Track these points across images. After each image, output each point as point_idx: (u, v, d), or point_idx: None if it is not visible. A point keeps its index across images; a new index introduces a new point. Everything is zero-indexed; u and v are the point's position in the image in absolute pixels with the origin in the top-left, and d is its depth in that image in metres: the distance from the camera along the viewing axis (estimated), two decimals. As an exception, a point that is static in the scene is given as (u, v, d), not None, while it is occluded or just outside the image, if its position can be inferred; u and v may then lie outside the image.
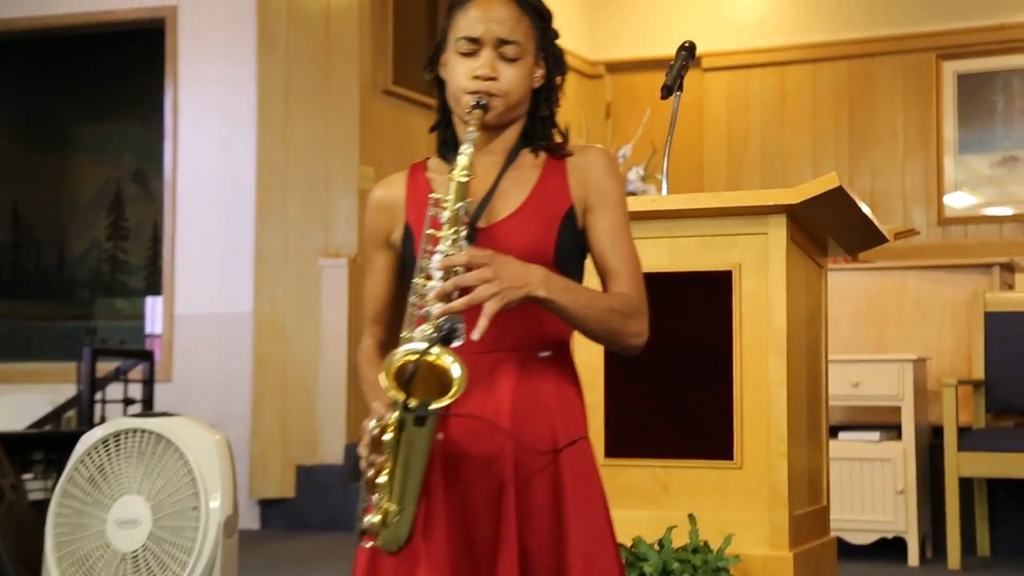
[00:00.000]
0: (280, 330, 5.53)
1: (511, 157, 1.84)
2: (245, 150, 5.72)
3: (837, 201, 2.44)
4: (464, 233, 1.67)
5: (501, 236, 1.75)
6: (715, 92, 6.89)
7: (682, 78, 2.60)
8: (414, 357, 1.58)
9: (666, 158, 2.56)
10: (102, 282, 6.38)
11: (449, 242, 1.66)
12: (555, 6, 1.95)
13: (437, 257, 1.65)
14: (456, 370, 1.57)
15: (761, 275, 2.36)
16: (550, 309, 1.70)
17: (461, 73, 1.79)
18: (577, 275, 1.82)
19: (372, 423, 1.62)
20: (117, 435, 3.11)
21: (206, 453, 3.06)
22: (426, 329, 1.63)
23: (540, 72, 1.87)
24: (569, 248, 1.80)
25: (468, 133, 1.73)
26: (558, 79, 1.89)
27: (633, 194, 5.51)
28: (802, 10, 6.85)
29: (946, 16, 6.55)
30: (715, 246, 2.36)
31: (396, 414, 1.58)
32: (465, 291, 1.63)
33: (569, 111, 6.85)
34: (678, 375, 2.38)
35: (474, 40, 1.79)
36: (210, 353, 5.68)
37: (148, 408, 5.11)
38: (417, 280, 1.68)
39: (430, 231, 1.69)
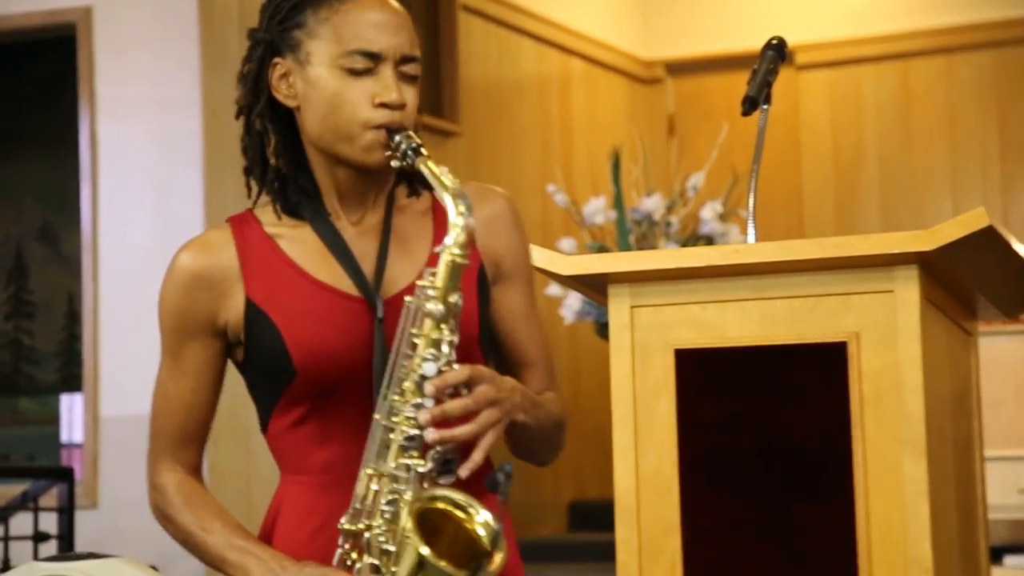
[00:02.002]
0: (243, 434, 5.54)
1: (391, 202, 1.84)
2: (188, 194, 5.77)
3: (988, 244, 2.43)
4: (455, 335, 1.67)
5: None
6: (815, 97, 6.91)
7: (770, 85, 2.61)
8: (444, 507, 1.61)
9: (752, 191, 2.56)
10: (1, 376, 6.42)
11: (445, 345, 1.66)
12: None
13: (429, 367, 1.65)
14: (494, 539, 1.60)
15: (887, 347, 2.35)
16: (514, 433, 1.72)
17: (355, 99, 1.77)
18: (488, 358, 1.83)
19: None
20: (26, 585, 3.11)
21: (146, 607, 3.05)
22: (415, 463, 1.63)
23: None
24: (486, 322, 1.81)
25: (458, 193, 1.69)
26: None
27: (709, 240, 5.54)
28: (928, -16, 6.88)
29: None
30: (823, 310, 2.36)
31: (413, 559, 1.58)
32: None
33: (619, 127, 6.90)
34: (779, 484, 2.37)
35: (373, 55, 1.79)
36: (147, 468, 5.68)
37: (67, 547, 5.11)
38: (394, 397, 1.68)
39: (413, 330, 1.69)
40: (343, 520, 1.63)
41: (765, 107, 2.61)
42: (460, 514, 1.61)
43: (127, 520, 5.68)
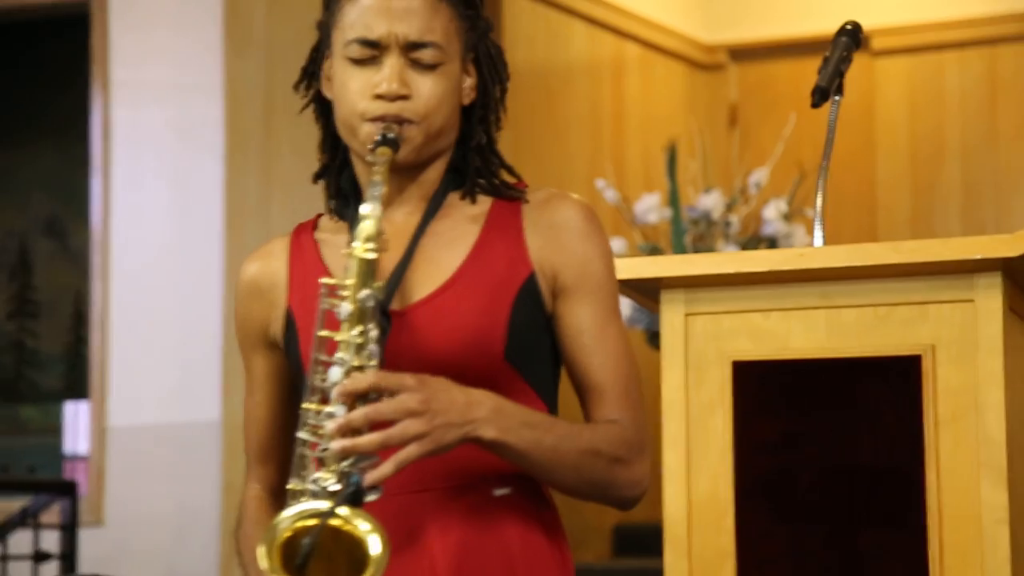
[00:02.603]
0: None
1: (433, 206, 1.85)
2: (208, 187, 5.80)
3: (1078, 250, 2.42)
4: (374, 335, 1.67)
5: (422, 323, 1.76)
6: (892, 86, 6.89)
7: (843, 75, 2.61)
8: (310, 523, 1.59)
9: (820, 189, 2.57)
10: (1, 381, 6.46)
11: (352, 349, 1.66)
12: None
13: (336, 371, 1.65)
14: (375, 544, 1.58)
15: (966, 361, 2.34)
16: (503, 455, 1.71)
17: (356, 91, 1.80)
18: (544, 377, 1.82)
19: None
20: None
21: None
22: (324, 478, 1.63)
23: (470, 82, 1.88)
24: (529, 337, 1.80)
25: (372, 184, 1.72)
26: (497, 89, 1.90)
27: (772, 242, 5.53)
28: (1019, -38, 6.85)
29: None
30: (896, 320, 2.35)
31: None
32: (381, 424, 1.63)
33: (677, 118, 6.90)
34: (845, 510, 2.37)
35: (371, 43, 1.80)
36: (159, 482, 5.72)
37: (70, 567, 5.14)
38: (308, 405, 1.69)
39: (323, 332, 1.70)
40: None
41: (837, 98, 2.61)
42: (331, 523, 1.60)
43: (135, 539, 5.72)
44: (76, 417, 6.15)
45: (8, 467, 6.29)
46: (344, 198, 1.88)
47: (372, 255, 1.69)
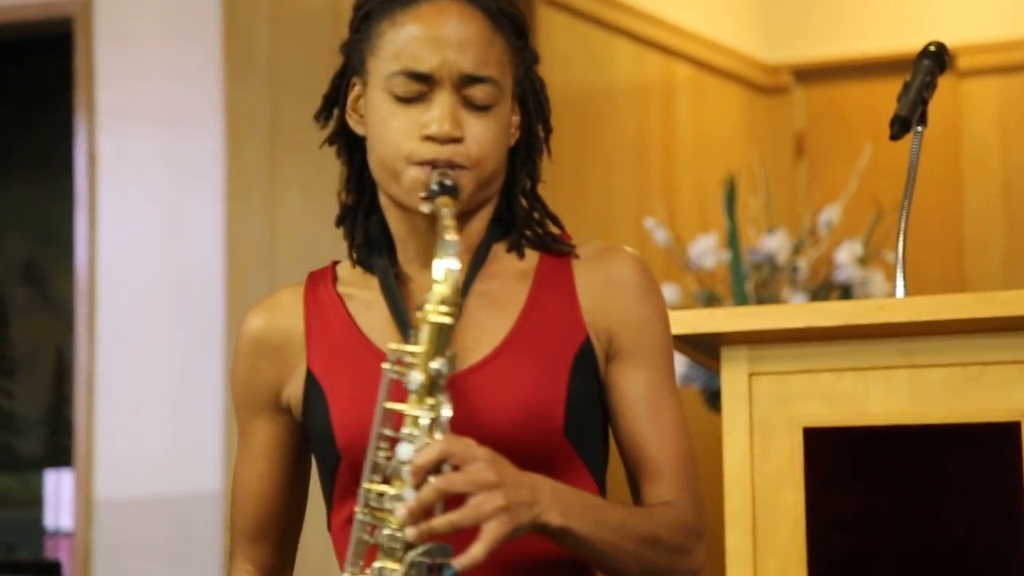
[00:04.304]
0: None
1: (478, 261, 1.86)
2: (206, 227, 5.82)
3: None
4: (446, 409, 1.67)
5: (474, 393, 1.78)
6: (981, 111, 6.89)
7: (926, 103, 2.62)
8: None
9: (901, 231, 2.57)
10: (-26, 447, 6.49)
11: (427, 422, 1.67)
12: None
13: (406, 449, 1.66)
14: None
15: (1070, 427, 2.34)
16: (564, 542, 1.72)
17: (401, 130, 1.80)
18: (598, 455, 1.83)
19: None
20: None
21: None
22: (392, 569, 1.64)
23: (515, 120, 1.89)
24: (586, 409, 1.82)
25: (444, 242, 1.72)
26: (541, 129, 1.92)
27: (846, 290, 5.52)
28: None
29: None
30: (989, 382, 2.35)
31: None
32: (451, 502, 1.64)
33: (735, 148, 6.91)
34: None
35: (421, 77, 1.81)
36: (154, 562, 5.73)
37: (52, 657, 5.15)
38: (369, 486, 1.69)
39: (389, 405, 1.70)
40: None
41: (919, 129, 2.62)
42: None
43: (126, 627, 5.73)
44: (58, 488, 6.17)
45: (-15, 544, 6.31)
46: (370, 246, 1.89)
47: (447, 320, 1.69)
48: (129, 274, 5.94)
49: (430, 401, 1.67)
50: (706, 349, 2.28)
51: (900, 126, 2.60)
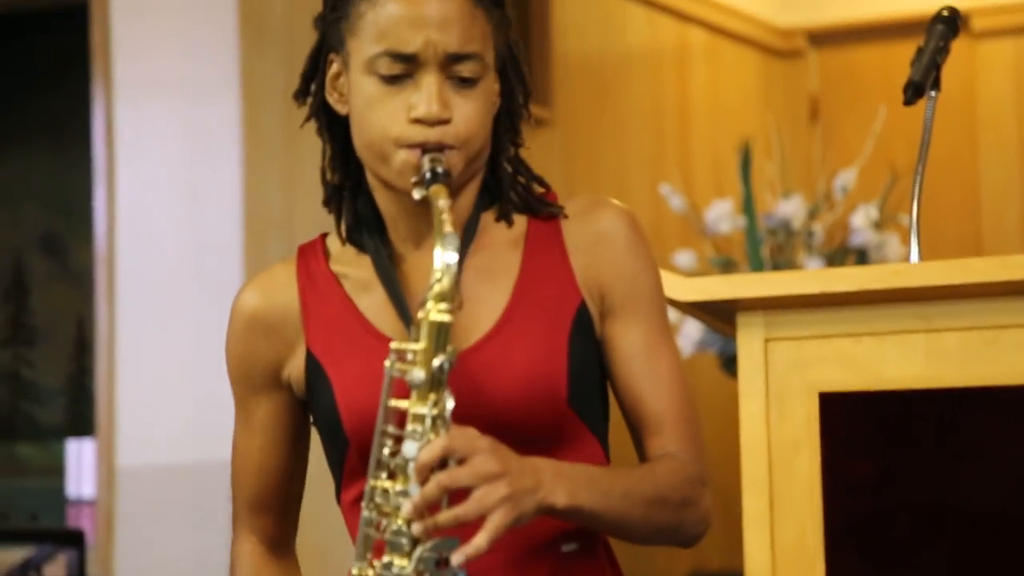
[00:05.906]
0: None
1: (468, 236, 1.85)
2: (224, 197, 5.83)
3: None
4: (450, 405, 1.67)
5: (477, 373, 1.78)
6: (996, 74, 6.87)
7: (939, 68, 2.62)
8: None
9: (915, 197, 2.57)
10: (-4, 416, 6.51)
11: (427, 422, 1.67)
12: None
13: (411, 447, 1.66)
14: None
15: (1089, 391, 2.34)
16: (573, 519, 1.73)
17: (387, 113, 1.78)
18: (602, 419, 1.84)
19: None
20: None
21: None
22: (401, 564, 1.65)
23: (496, 87, 1.87)
24: (587, 375, 1.82)
25: (443, 235, 1.69)
26: (522, 94, 1.90)
27: (862, 254, 5.50)
28: None
29: None
30: (1006, 345, 2.35)
31: None
32: (455, 496, 1.64)
33: (750, 113, 6.90)
34: (946, 559, 2.36)
35: (405, 57, 1.79)
36: (175, 529, 5.75)
37: (75, 625, 5.17)
38: (375, 483, 1.70)
39: (393, 403, 1.71)
40: None
41: (933, 94, 2.62)
42: None
43: (149, 593, 5.75)
44: (80, 457, 6.18)
45: (8, 514, 6.32)
46: (359, 224, 1.88)
47: (447, 317, 1.68)
48: (148, 244, 5.95)
49: (433, 397, 1.68)
50: (722, 315, 2.28)
51: (914, 91, 2.60)
